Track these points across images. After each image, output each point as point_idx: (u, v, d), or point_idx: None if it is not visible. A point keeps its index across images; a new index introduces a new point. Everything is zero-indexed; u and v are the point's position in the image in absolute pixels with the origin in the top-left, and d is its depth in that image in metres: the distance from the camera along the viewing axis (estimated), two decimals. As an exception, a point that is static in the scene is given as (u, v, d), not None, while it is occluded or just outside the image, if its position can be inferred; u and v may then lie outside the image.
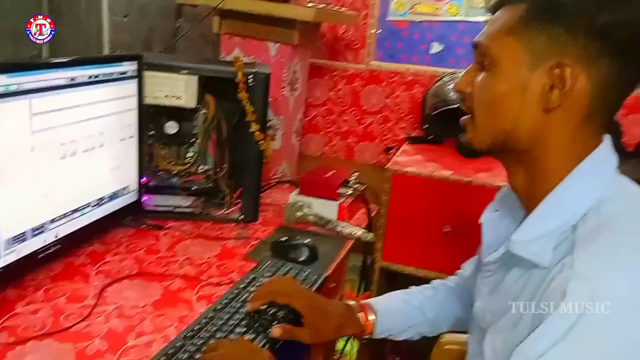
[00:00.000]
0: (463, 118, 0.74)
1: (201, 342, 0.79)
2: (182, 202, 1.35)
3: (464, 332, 1.04)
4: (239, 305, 0.90)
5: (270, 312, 0.89)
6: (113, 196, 1.16)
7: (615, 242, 0.59)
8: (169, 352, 0.76)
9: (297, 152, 1.89)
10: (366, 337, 0.96)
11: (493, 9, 0.72)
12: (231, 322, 0.85)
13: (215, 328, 0.83)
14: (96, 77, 1.05)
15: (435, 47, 2.13)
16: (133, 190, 1.23)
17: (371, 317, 0.95)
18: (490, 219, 0.81)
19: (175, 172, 1.36)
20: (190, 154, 1.37)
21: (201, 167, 1.39)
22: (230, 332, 0.83)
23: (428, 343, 2.06)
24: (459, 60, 2.11)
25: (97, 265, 1.05)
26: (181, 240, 1.20)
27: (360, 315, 0.94)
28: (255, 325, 0.86)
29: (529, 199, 0.71)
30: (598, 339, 0.55)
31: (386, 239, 1.60)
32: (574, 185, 0.66)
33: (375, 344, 1.87)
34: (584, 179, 0.66)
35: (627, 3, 0.62)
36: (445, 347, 1.08)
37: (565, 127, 0.65)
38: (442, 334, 1.09)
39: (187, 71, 1.25)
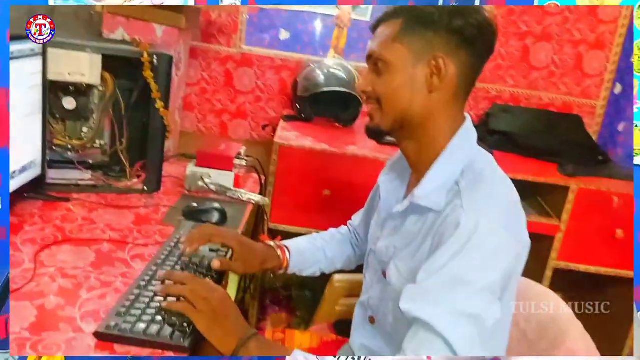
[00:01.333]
0: (369, 108, 0.96)
1: (155, 289, 0.91)
2: (80, 176, 1.40)
3: (352, 270, 1.30)
4: (175, 259, 1.03)
5: (205, 258, 1.05)
6: (22, 170, 1.19)
7: (489, 190, 0.87)
8: (130, 297, 0.88)
9: (179, 128, 1.99)
10: (282, 271, 1.18)
11: (374, 28, 0.97)
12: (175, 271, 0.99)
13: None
14: (12, 53, 1.08)
15: (283, 34, 2.32)
16: (38, 165, 1.26)
17: (287, 254, 1.17)
18: (385, 181, 1.07)
19: (71, 146, 1.40)
20: (85, 129, 1.42)
21: (97, 142, 1.44)
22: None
23: (302, 294, 2.34)
24: (305, 47, 2.32)
25: (19, 234, 1.09)
26: (93, 210, 1.27)
27: (280, 252, 1.16)
28: (198, 269, 1.01)
29: (418, 163, 0.96)
30: (482, 249, 0.80)
31: (273, 204, 1.81)
32: (453, 151, 0.92)
33: (258, 297, 2.08)
34: (460, 146, 0.92)
35: (471, 11, 0.90)
36: (336, 285, 1.34)
37: (444, 104, 0.91)
38: (333, 274, 1.35)
39: (91, 50, 1.31)
